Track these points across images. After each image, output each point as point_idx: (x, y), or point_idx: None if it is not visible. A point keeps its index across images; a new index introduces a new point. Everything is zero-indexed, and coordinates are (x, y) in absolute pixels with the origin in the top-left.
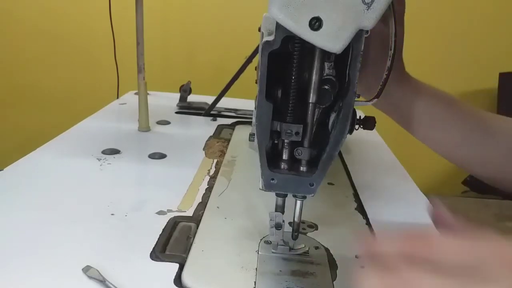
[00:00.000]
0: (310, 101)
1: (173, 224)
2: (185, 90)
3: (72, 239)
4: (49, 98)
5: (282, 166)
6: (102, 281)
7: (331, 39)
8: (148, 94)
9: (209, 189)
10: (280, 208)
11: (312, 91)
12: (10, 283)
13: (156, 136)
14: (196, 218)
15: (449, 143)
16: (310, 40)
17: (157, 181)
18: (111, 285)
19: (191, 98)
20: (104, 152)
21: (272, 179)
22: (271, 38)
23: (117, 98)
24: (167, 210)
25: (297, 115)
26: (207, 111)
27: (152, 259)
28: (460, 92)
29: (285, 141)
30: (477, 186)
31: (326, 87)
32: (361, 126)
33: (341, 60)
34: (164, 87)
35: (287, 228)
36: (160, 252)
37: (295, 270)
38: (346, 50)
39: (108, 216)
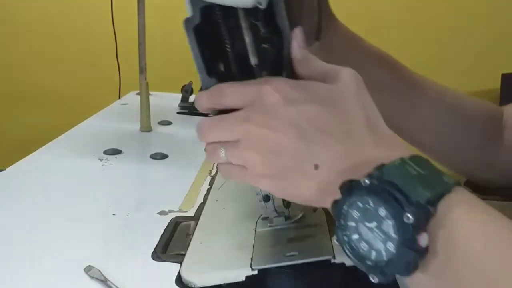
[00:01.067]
0: (253, 63)
1: (174, 224)
2: (186, 91)
3: (73, 239)
4: (51, 98)
5: None
6: (104, 281)
7: None
8: (149, 94)
9: (210, 190)
10: None
11: (251, 53)
12: (12, 283)
13: (158, 136)
14: (198, 218)
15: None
16: (220, 2)
17: (158, 182)
18: (112, 285)
19: (193, 98)
20: (106, 152)
21: None
22: (190, 15)
23: (119, 98)
24: (169, 210)
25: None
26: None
27: (154, 259)
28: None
29: None
30: (478, 187)
31: (265, 46)
32: None
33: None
34: (166, 87)
35: (279, 201)
36: (161, 252)
37: (291, 237)
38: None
39: (110, 216)
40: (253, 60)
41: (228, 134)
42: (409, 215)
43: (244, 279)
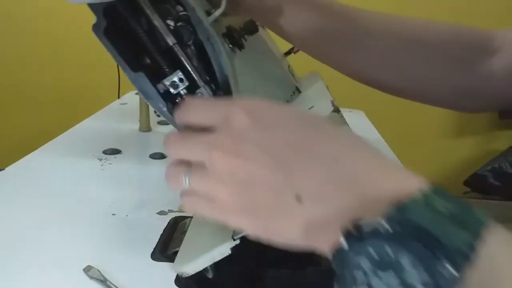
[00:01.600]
0: (171, 43)
1: (174, 224)
2: None
3: (73, 239)
4: (50, 98)
5: None
6: (103, 281)
7: None
8: None
9: None
10: None
11: (165, 34)
12: (11, 283)
13: (157, 136)
14: None
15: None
16: None
17: (158, 181)
18: (112, 285)
19: None
20: (105, 152)
21: None
22: (95, 21)
23: (118, 98)
24: (168, 210)
25: (173, 65)
26: None
27: (153, 259)
28: None
29: (183, 93)
30: (478, 187)
31: (180, 23)
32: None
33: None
34: None
35: None
36: (161, 252)
37: None
38: None
39: (109, 216)
40: (171, 40)
41: (194, 154)
42: (446, 264)
43: (230, 251)
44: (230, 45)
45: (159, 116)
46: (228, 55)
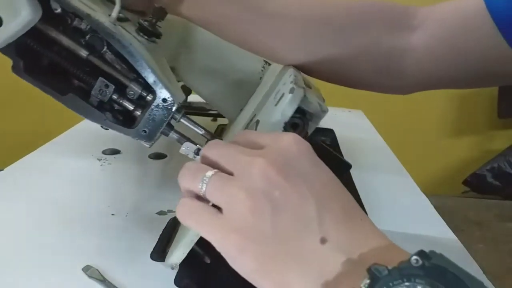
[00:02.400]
0: (85, 56)
1: (173, 224)
2: (185, 90)
3: (72, 240)
4: (50, 98)
5: (137, 116)
6: (102, 280)
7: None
8: None
9: None
10: (185, 138)
11: (77, 50)
12: (10, 283)
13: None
14: None
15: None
16: (9, 33)
17: (157, 181)
18: (111, 285)
19: (191, 98)
20: (104, 152)
21: (144, 131)
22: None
23: None
24: (168, 210)
25: (95, 76)
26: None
27: (153, 259)
28: (461, 92)
29: (115, 97)
30: (477, 187)
31: (90, 35)
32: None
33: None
34: None
35: None
36: (160, 252)
37: None
38: None
39: (109, 216)
40: (84, 54)
41: (233, 161)
42: None
43: None
44: (146, 37)
45: (105, 129)
46: (147, 47)
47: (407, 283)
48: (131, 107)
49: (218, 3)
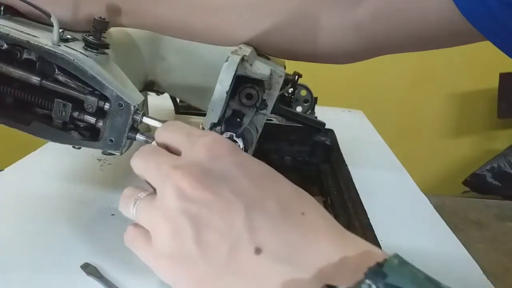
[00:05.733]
0: (38, 82)
1: None
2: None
3: (71, 239)
4: None
5: (100, 127)
6: (100, 278)
7: None
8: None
9: None
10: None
11: (29, 79)
12: (10, 282)
13: None
14: None
15: None
16: None
17: None
18: (109, 283)
19: None
20: (104, 152)
21: (110, 140)
22: None
23: None
24: None
25: (52, 99)
26: None
27: None
28: (461, 92)
29: (76, 115)
30: (477, 186)
31: (39, 63)
32: None
33: None
34: None
35: None
36: None
37: None
38: None
39: (109, 216)
40: (36, 80)
41: (152, 176)
42: None
43: None
44: (94, 51)
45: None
46: (96, 59)
47: None
48: (92, 120)
49: (153, 7)
